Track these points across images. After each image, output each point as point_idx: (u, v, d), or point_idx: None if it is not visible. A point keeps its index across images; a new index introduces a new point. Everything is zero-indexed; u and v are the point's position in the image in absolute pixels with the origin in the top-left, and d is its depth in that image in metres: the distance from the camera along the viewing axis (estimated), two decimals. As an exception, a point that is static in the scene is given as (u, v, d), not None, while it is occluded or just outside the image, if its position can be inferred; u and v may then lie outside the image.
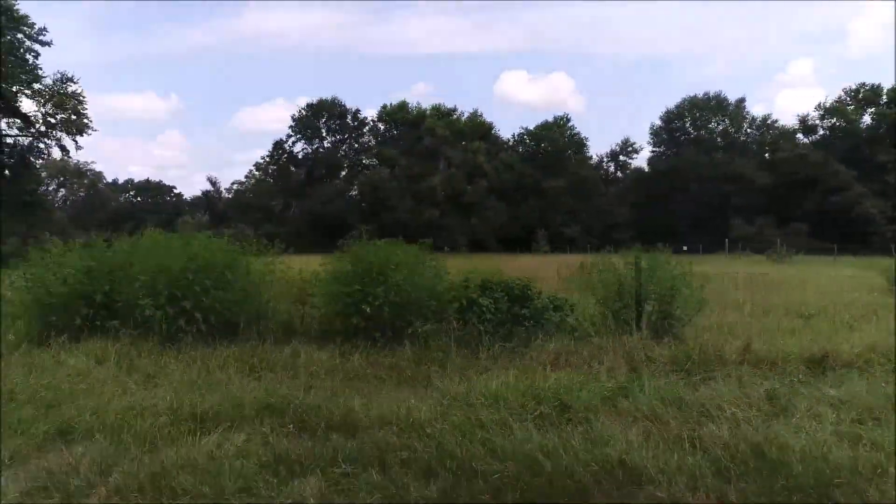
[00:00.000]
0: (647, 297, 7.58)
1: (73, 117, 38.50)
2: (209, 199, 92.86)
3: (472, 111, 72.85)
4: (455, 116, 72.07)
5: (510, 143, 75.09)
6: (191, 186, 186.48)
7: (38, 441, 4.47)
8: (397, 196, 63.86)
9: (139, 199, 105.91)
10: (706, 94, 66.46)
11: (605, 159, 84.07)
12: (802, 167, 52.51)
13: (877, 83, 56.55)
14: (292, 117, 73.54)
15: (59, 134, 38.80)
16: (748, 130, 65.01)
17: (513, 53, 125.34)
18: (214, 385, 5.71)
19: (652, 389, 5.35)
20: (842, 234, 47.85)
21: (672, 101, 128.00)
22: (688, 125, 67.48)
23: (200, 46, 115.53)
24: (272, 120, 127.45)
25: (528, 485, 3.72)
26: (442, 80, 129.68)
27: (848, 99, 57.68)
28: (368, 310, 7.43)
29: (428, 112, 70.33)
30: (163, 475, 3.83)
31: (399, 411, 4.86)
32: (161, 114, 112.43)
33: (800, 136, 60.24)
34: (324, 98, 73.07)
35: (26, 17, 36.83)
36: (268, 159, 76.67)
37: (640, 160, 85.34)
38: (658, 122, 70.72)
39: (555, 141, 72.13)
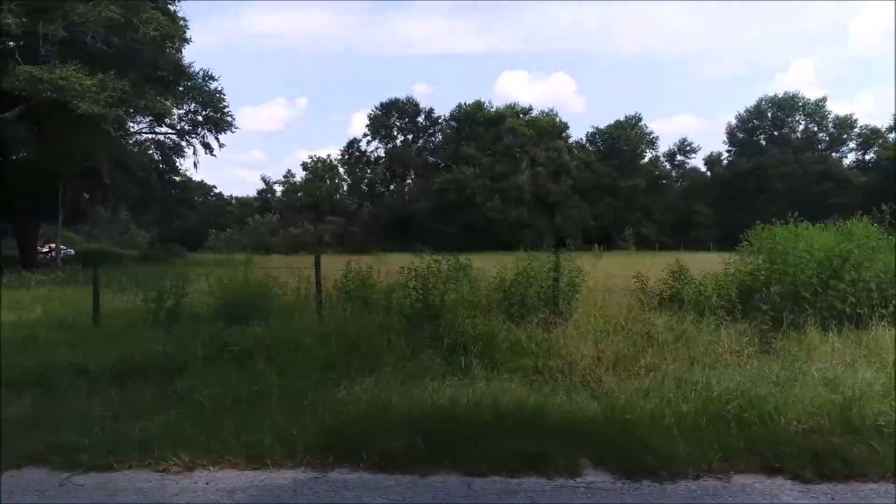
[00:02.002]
0: None
1: (216, 115, 38.19)
2: (265, 200, 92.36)
3: (547, 110, 72.84)
4: (528, 116, 72.01)
5: (581, 142, 75.18)
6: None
7: None
8: (483, 195, 63.67)
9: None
10: (786, 93, 66.76)
11: (660, 158, 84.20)
12: (909, 164, 52.75)
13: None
14: (368, 116, 73.44)
15: (202, 132, 38.48)
16: (832, 130, 65.16)
17: (513, 53, 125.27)
18: None
19: None
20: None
21: (673, 102, 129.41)
22: (768, 124, 67.57)
23: (200, 46, 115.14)
24: (272, 120, 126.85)
25: None
26: (442, 80, 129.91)
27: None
28: None
29: (503, 111, 70.19)
30: None
31: None
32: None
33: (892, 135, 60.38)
34: (397, 97, 73.03)
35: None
36: (338, 158, 76.48)
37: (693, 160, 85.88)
38: (733, 122, 71.03)
39: (630, 140, 72.24)
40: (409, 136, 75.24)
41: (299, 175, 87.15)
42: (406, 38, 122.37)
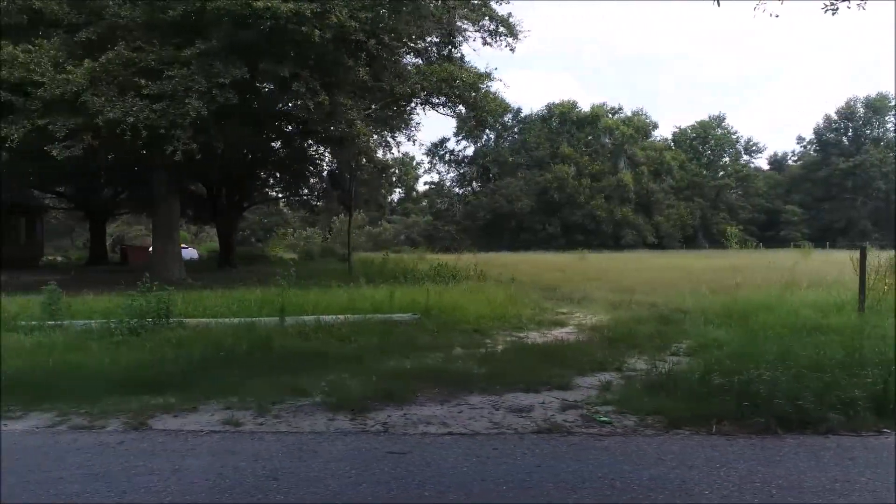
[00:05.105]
0: None
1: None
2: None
3: (637, 109, 73.35)
4: (617, 115, 72.53)
5: (666, 141, 75.80)
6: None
7: None
8: (587, 194, 64.05)
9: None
10: (879, 93, 67.83)
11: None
12: None
13: None
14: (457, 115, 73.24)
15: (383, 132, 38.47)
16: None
17: (509, 53, 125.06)
18: None
19: None
20: None
21: (672, 102, 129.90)
22: (859, 124, 68.56)
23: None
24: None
25: None
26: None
27: None
28: None
29: (596, 110, 70.57)
30: None
31: None
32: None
33: None
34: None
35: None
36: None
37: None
38: (820, 123, 72.03)
39: (718, 139, 73.11)
40: (493, 135, 75.28)
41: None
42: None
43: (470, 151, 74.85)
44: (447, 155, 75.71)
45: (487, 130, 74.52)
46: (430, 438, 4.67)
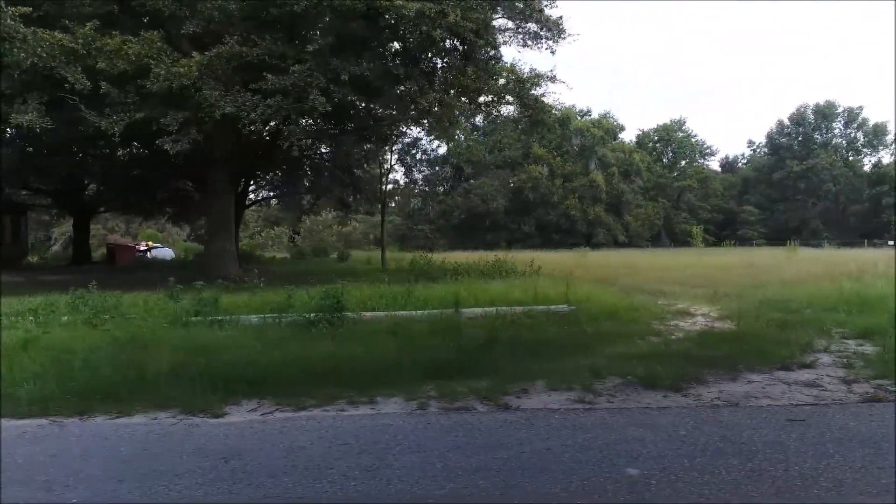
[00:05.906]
0: None
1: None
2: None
3: (603, 112, 75.64)
4: (585, 117, 74.55)
5: (630, 143, 78.50)
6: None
7: None
8: (560, 194, 65.61)
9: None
10: (827, 101, 72.57)
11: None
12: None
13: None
14: (430, 115, 73.57)
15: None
16: (870, 136, 71.36)
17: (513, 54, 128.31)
18: None
19: None
20: None
21: (672, 104, 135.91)
22: (808, 130, 73.10)
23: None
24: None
25: None
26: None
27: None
28: None
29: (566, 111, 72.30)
30: None
31: None
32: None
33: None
34: (458, 97, 73.62)
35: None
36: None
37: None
38: (773, 127, 76.42)
39: (680, 142, 76.32)
40: (462, 136, 75.97)
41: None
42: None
43: (442, 151, 75.37)
44: (419, 154, 75.89)
45: (458, 131, 75.40)
46: (798, 408, 5.15)
